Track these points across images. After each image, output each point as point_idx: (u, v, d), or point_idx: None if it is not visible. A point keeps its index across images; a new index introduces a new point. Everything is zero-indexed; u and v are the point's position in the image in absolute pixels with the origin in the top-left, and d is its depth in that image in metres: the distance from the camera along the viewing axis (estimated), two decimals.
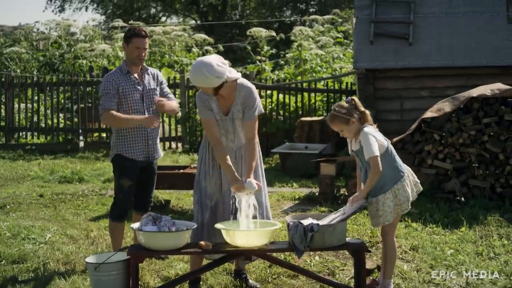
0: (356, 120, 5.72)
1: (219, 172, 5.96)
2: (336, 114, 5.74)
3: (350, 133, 5.78)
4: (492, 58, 12.43)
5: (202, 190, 6.01)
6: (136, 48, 6.78)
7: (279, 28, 33.41)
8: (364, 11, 13.27)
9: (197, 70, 5.70)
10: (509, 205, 8.98)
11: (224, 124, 5.92)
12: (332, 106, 5.86)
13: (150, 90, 6.84)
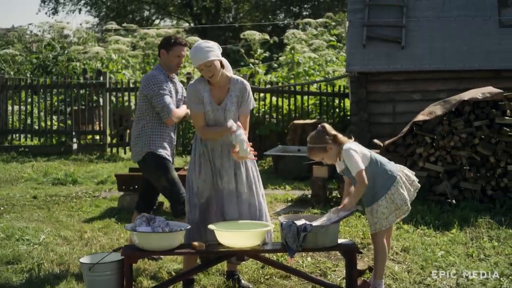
0: (333, 145, 5.78)
1: (210, 169, 5.99)
2: (311, 146, 5.83)
3: (331, 159, 5.86)
4: (484, 61, 12.53)
5: (190, 189, 6.05)
6: (177, 56, 6.87)
7: (273, 31, 33.51)
8: (357, 14, 13.37)
9: (200, 46, 5.84)
10: (499, 207, 9.06)
11: (216, 114, 5.93)
12: (307, 139, 5.92)
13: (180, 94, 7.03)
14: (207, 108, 5.91)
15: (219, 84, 5.95)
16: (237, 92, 5.99)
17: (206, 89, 5.93)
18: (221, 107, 5.94)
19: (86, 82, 16.75)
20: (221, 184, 5.96)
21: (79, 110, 16.43)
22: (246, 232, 5.63)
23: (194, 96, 5.94)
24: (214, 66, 5.81)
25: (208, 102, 5.91)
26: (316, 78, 18.85)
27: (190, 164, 6.13)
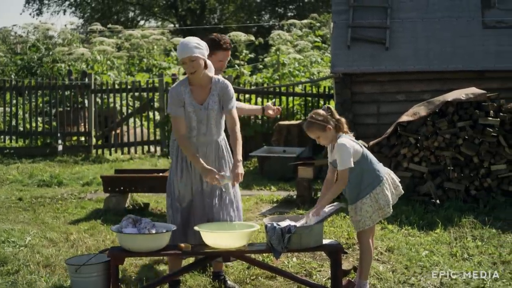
0: (332, 127, 5.82)
1: (190, 173, 6.02)
2: (312, 121, 5.85)
3: (326, 140, 5.89)
4: (468, 62, 12.61)
5: (172, 193, 6.06)
6: (219, 61, 6.75)
7: (258, 32, 33.52)
8: (342, 16, 13.41)
9: (189, 41, 5.88)
10: (483, 207, 9.14)
11: (198, 114, 5.94)
12: (309, 113, 5.96)
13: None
14: (188, 109, 5.92)
15: (200, 83, 5.98)
16: (218, 91, 6.03)
17: (187, 91, 5.95)
18: (203, 107, 5.95)
19: (71, 84, 16.73)
20: (206, 186, 5.99)
21: (64, 112, 16.40)
22: (232, 232, 5.67)
23: (175, 99, 5.94)
24: (197, 63, 5.84)
25: (189, 103, 5.92)
26: (301, 79, 18.89)
27: (171, 167, 6.14)
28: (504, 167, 9.34)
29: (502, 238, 7.88)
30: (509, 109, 9.48)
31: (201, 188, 5.98)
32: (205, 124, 5.97)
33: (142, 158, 15.50)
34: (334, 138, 5.85)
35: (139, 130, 16.77)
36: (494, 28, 13.01)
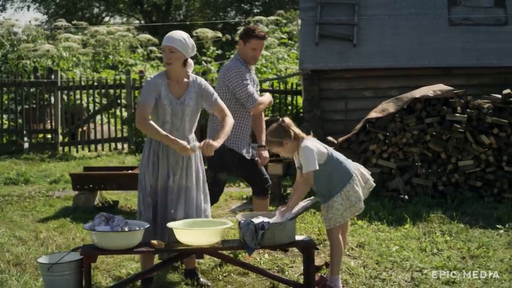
0: (289, 141, 5.86)
1: (164, 166, 5.99)
2: (269, 139, 5.94)
3: (288, 153, 5.96)
4: (434, 59, 12.74)
5: (143, 188, 6.04)
6: (253, 49, 6.86)
7: (224, 28, 33.48)
8: (309, 13, 13.46)
9: (179, 33, 5.93)
10: (451, 202, 9.24)
11: (174, 108, 5.93)
12: (267, 131, 6.02)
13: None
14: (164, 102, 5.91)
15: (177, 79, 5.98)
16: (196, 89, 6.03)
17: (164, 83, 5.95)
18: (179, 101, 5.95)
19: (37, 81, 16.57)
20: (173, 181, 5.98)
21: (30, 109, 16.24)
22: (206, 229, 5.67)
23: (150, 88, 5.92)
24: (176, 55, 5.86)
25: (165, 96, 5.92)
26: (268, 75, 18.91)
27: (143, 162, 6.09)
28: (471, 162, 9.46)
29: (470, 233, 7.98)
30: (475, 105, 9.60)
31: (170, 182, 5.97)
32: (180, 119, 5.96)
33: (109, 155, 15.42)
34: (296, 147, 5.89)
35: (105, 127, 16.68)
36: (460, 25, 13.16)
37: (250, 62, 6.92)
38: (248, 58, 6.90)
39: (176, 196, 5.97)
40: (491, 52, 12.80)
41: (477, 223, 8.37)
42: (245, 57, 6.92)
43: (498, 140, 9.45)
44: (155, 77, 6.00)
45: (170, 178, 5.96)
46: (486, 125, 9.50)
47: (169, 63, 5.89)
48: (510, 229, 8.13)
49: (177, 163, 6.00)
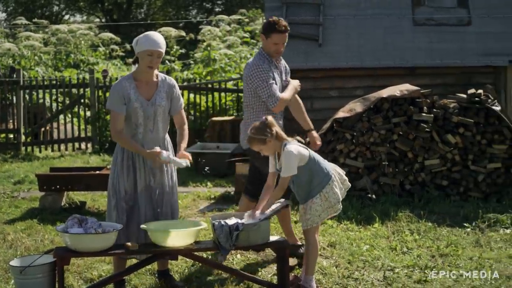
0: (272, 139, 5.87)
1: (141, 170, 5.96)
2: (252, 136, 5.91)
3: (269, 151, 5.95)
4: (399, 59, 12.83)
5: (117, 193, 5.98)
6: (275, 44, 6.74)
7: (185, 27, 33.41)
8: (274, 12, 13.44)
9: (160, 36, 5.97)
10: (418, 201, 9.33)
11: (146, 110, 5.90)
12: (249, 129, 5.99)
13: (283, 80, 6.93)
14: (135, 105, 5.87)
15: (147, 80, 5.94)
16: (166, 89, 6.01)
17: (132, 86, 5.90)
18: (150, 102, 5.92)
19: None
20: (154, 182, 5.96)
21: None
22: (180, 231, 5.65)
23: (118, 96, 5.87)
24: (159, 60, 5.86)
25: (135, 98, 5.87)
26: (232, 75, 18.93)
27: (116, 167, 6.02)
28: (437, 162, 9.56)
29: (438, 231, 8.07)
30: (441, 105, 9.70)
31: (152, 184, 5.95)
32: (152, 120, 5.93)
33: (73, 155, 15.26)
34: (277, 147, 5.90)
35: (69, 126, 16.50)
36: (424, 25, 13.27)
37: (274, 57, 6.82)
38: (271, 52, 6.79)
39: (160, 196, 5.96)
40: (455, 52, 12.93)
41: (445, 222, 8.46)
42: (268, 52, 6.81)
43: (464, 139, 9.57)
44: (121, 81, 5.94)
45: (151, 180, 5.93)
46: (452, 125, 9.61)
47: (151, 67, 5.87)
48: (477, 227, 8.24)
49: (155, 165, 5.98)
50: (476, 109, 9.66)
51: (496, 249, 7.32)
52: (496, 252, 7.20)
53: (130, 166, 5.94)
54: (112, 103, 5.88)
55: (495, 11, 13.29)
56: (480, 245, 7.52)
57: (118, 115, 5.85)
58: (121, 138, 5.83)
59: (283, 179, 5.82)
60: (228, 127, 14.26)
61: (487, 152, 9.61)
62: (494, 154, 9.61)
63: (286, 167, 5.79)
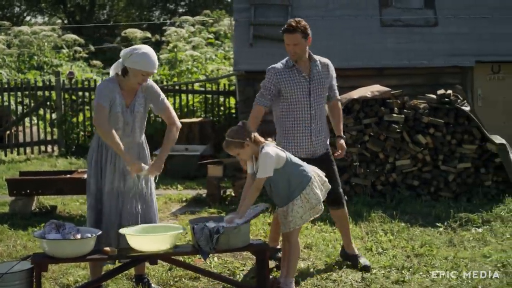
0: (250, 143, 5.85)
1: (112, 173, 5.91)
2: (229, 140, 5.85)
3: (247, 155, 5.90)
4: (367, 60, 12.92)
5: (92, 194, 5.95)
6: (287, 45, 6.57)
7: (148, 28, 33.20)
8: (243, 13, 13.47)
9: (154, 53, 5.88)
10: (390, 201, 9.40)
11: (125, 115, 5.86)
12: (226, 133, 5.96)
13: (317, 84, 6.64)
14: (117, 109, 5.82)
15: (125, 87, 5.91)
16: (144, 93, 5.97)
17: (117, 91, 5.85)
18: (129, 109, 5.88)
19: None
20: (124, 187, 5.92)
21: None
22: (159, 235, 5.61)
23: (106, 93, 5.80)
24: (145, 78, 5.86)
25: (118, 103, 5.83)
26: (198, 76, 18.88)
27: (91, 168, 5.99)
28: (408, 162, 9.63)
29: (411, 231, 8.13)
30: (412, 106, 9.78)
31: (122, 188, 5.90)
32: (130, 126, 5.90)
33: (39, 158, 15.07)
34: (255, 151, 5.88)
35: (33, 129, 16.28)
36: (391, 26, 13.38)
37: (291, 59, 6.64)
38: (289, 55, 6.67)
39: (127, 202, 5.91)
40: (422, 52, 13.06)
41: (417, 222, 8.53)
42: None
43: (434, 139, 9.65)
44: (107, 83, 5.89)
45: (121, 185, 5.89)
46: (422, 125, 9.69)
47: (141, 84, 5.84)
48: (449, 227, 8.32)
49: (126, 169, 5.92)
50: (446, 110, 9.75)
51: (470, 249, 7.39)
52: (470, 251, 7.26)
53: (103, 167, 5.91)
54: (99, 97, 5.80)
55: (461, 12, 13.47)
56: (454, 244, 7.59)
57: (104, 109, 5.77)
58: (106, 130, 5.73)
59: (259, 179, 5.80)
60: (196, 128, 14.20)
61: (457, 152, 9.71)
62: (464, 154, 9.71)
63: (262, 168, 5.78)
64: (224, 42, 25.32)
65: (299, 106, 6.56)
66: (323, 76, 6.69)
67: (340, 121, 6.88)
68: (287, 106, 6.58)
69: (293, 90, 6.55)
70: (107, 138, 5.76)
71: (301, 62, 6.63)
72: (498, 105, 13.26)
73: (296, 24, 6.55)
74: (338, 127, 6.84)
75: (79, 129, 15.88)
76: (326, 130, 6.77)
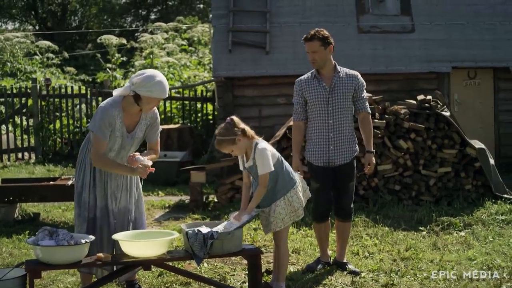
0: (242, 137, 5.88)
1: (103, 189, 5.92)
2: (221, 138, 5.87)
3: (240, 150, 5.93)
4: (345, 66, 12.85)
5: (82, 203, 5.92)
6: (307, 52, 6.69)
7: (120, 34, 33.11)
8: (221, 20, 13.54)
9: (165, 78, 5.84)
10: (372, 206, 9.49)
11: (124, 141, 5.85)
12: (215, 131, 6.00)
13: (338, 95, 6.70)
14: (116, 134, 5.78)
15: (131, 111, 5.87)
16: (148, 121, 5.96)
17: (120, 116, 5.79)
18: (131, 135, 5.87)
19: None
20: (115, 205, 5.93)
21: None
22: (153, 241, 5.62)
23: (107, 122, 5.74)
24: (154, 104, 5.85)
25: (119, 128, 5.78)
26: (174, 83, 18.90)
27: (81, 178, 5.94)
28: (389, 167, 9.74)
29: (395, 235, 8.23)
30: (393, 111, 9.89)
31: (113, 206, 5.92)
32: (127, 150, 5.91)
33: (16, 165, 14.99)
34: (248, 146, 5.92)
35: (8, 136, 16.16)
36: (368, 33, 13.52)
37: (313, 67, 6.79)
38: (310, 62, 6.78)
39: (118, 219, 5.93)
40: (399, 58, 13.22)
41: (400, 226, 8.62)
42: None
43: (415, 144, 9.78)
44: (110, 108, 5.77)
45: (112, 203, 5.90)
46: (403, 130, 9.81)
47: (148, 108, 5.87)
48: (432, 230, 8.43)
49: (118, 187, 5.95)
50: (426, 115, 9.88)
51: (455, 252, 7.49)
52: (455, 254, 7.36)
53: (96, 177, 5.90)
54: (99, 128, 5.74)
55: (437, 18, 13.64)
56: (438, 248, 7.69)
57: (103, 142, 5.76)
58: (104, 161, 5.75)
59: (263, 176, 5.83)
60: (174, 135, 14.23)
61: (438, 157, 9.84)
62: (444, 158, 9.84)
63: (263, 164, 5.81)
64: (198, 48, 25.38)
65: (318, 115, 6.72)
66: (345, 88, 6.76)
67: (369, 135, 6.94)
68: (310, 114, 6.80)
69: (312, 99, 6.72)
70: (100, 165, 5.79)
71: (324, 72, 6.78)
72: (474, 110, 13.46)
73: (315, 32, 6.69)
74: (366, 141, 6.93)
75: (56, 136, 15.81)
76: (350, 142, 6.84)
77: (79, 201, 5.94)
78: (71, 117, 15.87)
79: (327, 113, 6.69)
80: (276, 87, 13.25)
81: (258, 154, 5.85)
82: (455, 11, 13.77)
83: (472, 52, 13.33)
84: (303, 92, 6.79)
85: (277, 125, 11.74)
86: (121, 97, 5.85)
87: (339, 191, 6.92)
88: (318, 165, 6.79)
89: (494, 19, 13.78)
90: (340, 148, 6.74)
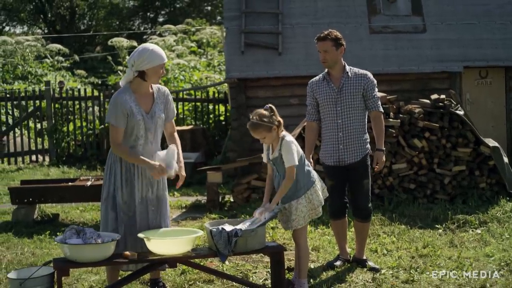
0: (277, 127, 5.96)
1: (140, 182, 5.99)
2: (259, 122, 5.93)
3: (271, 140, 6.01)
4: (357, 66, 12.88)
5: (117, 205, 5.92)
6: (318, 51, 6.83)
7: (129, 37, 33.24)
8: (234, 22, 13.62)
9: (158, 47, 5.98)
10: (388, 204, 9.57)
11: (147, 122, 5.90)
12: (251, 114, 6.05)
13: (346, 95, 6.82)
14: (138, 118, 5.83)
15: (145, 92, 5.95)
16: (163, 99, 6.04)
17: (133, 99, 5.86)
18: (150, 115, 5.92)
19: None
20: (152, 193, 6.00)
21: None
22: (179, 239, 5.72)
23: (120, 109, 5.81)
24: (157, 73, 5.91)
25: (137, 111, 5.84)
26: (184, 84, 18.99)
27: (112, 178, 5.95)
28: (404, 166, 9.81)
29: (411, 233, 8.31)
30: (407, 110, 9.96)
31: (150, 194, 5.98)
32: (153, 133, 5.94)
33: (30, 168, 15.10)
34: (276, 138, 6.00)
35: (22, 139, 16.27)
36: (380, 33, 13.59)
37: (324, 66, 6.94)
38: (321, 62, 6.93)
39: (156, 206, 6.00)
40: (411, 58, 13.29)
41: (416, 224, 8.71)
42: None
43: (430, 143, 9.85)
44: (120, 95, 5.84)
45: (149, 192, 5.97)
46: (417, 129, 9.88)
47: (160, 78, 5.94)
48: (448, 228, 8.50)
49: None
50: (440, 114, 9.95)
51: (472, 249, 7.57)
52: (473, 251, 7.44)
53: (128, 179, 5.94)
54: (113, 117, 5.83)
55: (448, 18, 13.71)
56: (455, 245, 7.77)
57: (118, 129, 5.83)
58: (122, 150, 5.83)
59: (290, 169, 5.91)
60: (187, 136, 14.31)
61: (452, 155, 9.90)
62: (458, 157, 9.91)
63: (290, 157, 5.91)
64: (207, 50, 25.48)
65: (328, 115, 6.88)
66: (354, 87, 6.87)
67: (380, 133, 7.03)
68: (321, 114, 6.96)
69: (322, 100, 6.89)
70: (126, 156, 5.87)
71: (334, 72, 6.92)
72: (486, 109, 13.52)
73: (328, 32, 6.84)
74: (377, 139, 7.01)
75: (70, 139, 15.92)
76: (360, 141, 6.92)
77: (113, 204, 5.95)
78: (84, 120, 15.98)
79: (336, 113, 6.84)
80: (289, 88, 13.33)
81: (285, 146, 5.93)
82: (466, 11, 13.84)
83: (483, 52, 13.40)
84: (314, 93, 6.97)
85: (290, 125, 11.76)
86: (128, 83, 5.95)
87: (354, 190, 7.03)
88: (330, 164, 6.94)
89: (505, 18, 13.84)
90: (350, 147, 6.86)
